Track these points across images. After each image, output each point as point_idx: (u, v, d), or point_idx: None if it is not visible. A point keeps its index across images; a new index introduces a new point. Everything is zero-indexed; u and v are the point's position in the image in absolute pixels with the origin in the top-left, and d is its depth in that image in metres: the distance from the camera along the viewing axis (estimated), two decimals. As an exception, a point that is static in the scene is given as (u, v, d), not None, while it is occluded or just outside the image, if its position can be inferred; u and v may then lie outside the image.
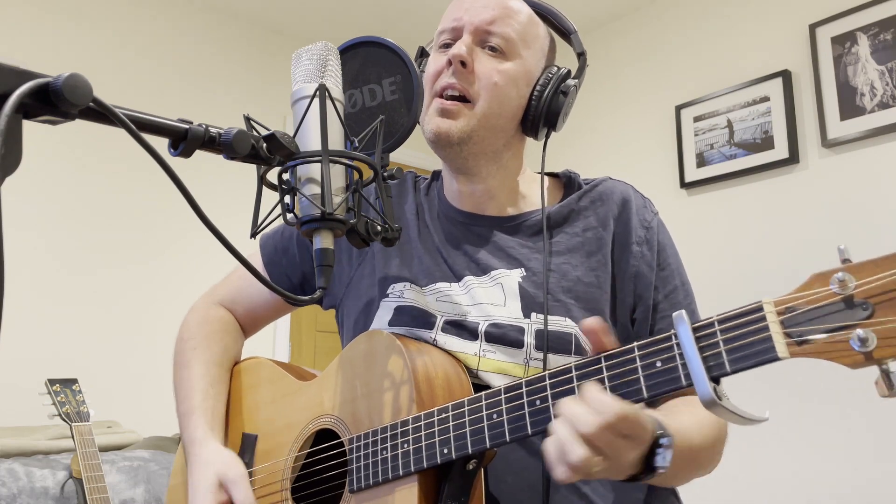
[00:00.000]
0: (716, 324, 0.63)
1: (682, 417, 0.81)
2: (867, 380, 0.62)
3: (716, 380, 0.62)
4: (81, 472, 1.77)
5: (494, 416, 0.75)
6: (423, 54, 1.03)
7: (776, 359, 0.59)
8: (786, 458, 2.53)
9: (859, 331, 0.56)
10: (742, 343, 0.61)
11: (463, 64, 0.92)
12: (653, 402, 0.79)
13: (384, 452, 0.83)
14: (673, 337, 0.65)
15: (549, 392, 0.72)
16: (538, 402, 0.72)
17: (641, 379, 0.66)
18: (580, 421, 0.65)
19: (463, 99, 0.93)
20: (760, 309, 0.60)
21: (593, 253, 0.95)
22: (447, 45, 0.96)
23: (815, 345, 0.58)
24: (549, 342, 0.88)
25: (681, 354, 0.64)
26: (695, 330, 0.63)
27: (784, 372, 2.45)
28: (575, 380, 0.70)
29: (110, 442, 2.18)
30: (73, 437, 1.83)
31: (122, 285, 2.78)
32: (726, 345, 0.62)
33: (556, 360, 0.88)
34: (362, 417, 0.87)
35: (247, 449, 1.02)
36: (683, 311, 0.64)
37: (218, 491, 0.93)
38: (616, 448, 0.65)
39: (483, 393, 0.77)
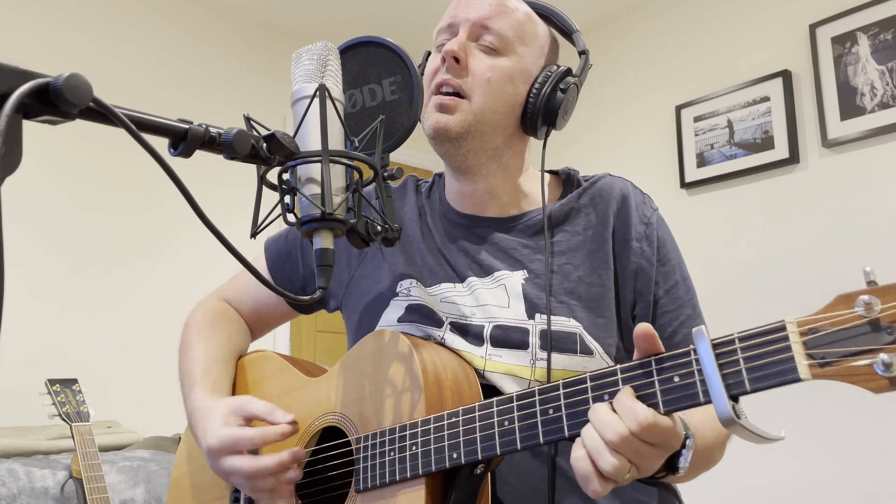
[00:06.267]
0: (736, 341, 0.61)
1: (697, 415, 0.80)
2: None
3: (734, 398, 0.61)
4: (81, 472, 1.77)
5: (506, 423, 0.74)
6: (428, 57, 1.02)
7: (797, 380, 0.58)
8: (787, 458, 2.53)
9: (884, 355, 0.54)
10: (763, 362, 0.59)
11: (456, 60, 0.92)
12: None
13: (391, 454, 0.82)
14: (692, 352, 0.64)
15: (562, 402, 0.71)
16: (551, 412, 0.71)
17: (658, 393, 0.65)
18: (607, 428, 0.64)
19: (459, 95, 0.92)
20: (783, 328, 0.59)
21: (595, 251, 0.94)
22: (444, 44, 0.96)
23: (837, 368, 0.57)
24: (554, 342, 0.88)
25: (699, 371, 0.63)
26: (715, 346, 0.62)
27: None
28: (590, 391, 0.69)
29: (110, 442, 2.18)
30: (73, 437, 1.83)
31: (123, 285, 2.77)
32: (746, 363, 0.60)
33: (561, 360, 0.88)
34: (370, 416, 0.87)
35: None
36: (703, 327, 0.63)
37: (230, 419, 0.88)
38: (643, 456, 0.65)
39: (495, 399, 0.76)
